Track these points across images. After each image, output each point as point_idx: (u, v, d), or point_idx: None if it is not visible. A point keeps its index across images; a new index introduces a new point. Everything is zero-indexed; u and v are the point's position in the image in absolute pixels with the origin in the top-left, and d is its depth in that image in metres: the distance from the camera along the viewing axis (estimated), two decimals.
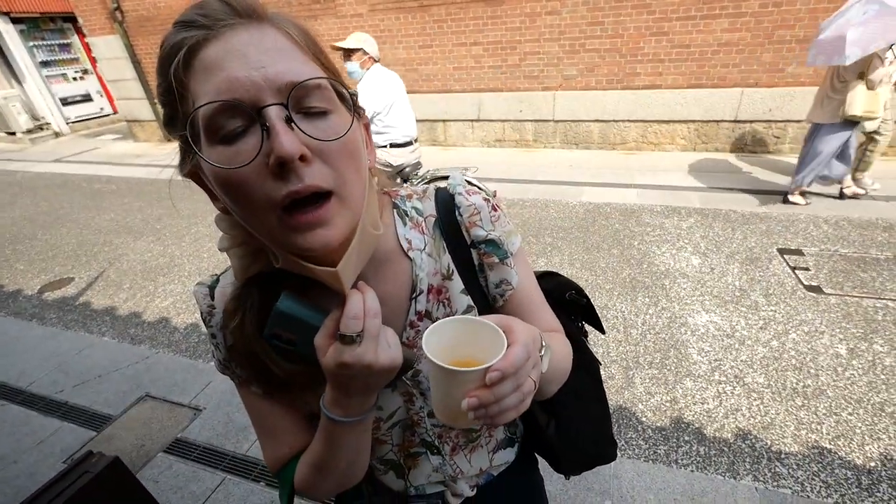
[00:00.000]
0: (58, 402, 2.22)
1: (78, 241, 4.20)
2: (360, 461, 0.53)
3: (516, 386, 0.38)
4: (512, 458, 0.70)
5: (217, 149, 0.37)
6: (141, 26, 6.94)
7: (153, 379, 2.32)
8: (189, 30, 0.37)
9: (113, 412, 2.13)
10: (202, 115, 0.36)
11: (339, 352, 0.41)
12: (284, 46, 0.38)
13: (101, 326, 2.90)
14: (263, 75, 0.35)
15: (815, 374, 2.08)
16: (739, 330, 2.40)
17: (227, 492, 1.70)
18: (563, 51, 5.07)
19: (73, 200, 5.33)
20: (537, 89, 5.38)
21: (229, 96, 0.35)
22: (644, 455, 1.78)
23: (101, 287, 3.38)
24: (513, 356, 0.37)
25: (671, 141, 5.07)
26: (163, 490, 1.72)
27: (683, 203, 3.86)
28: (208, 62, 0.36)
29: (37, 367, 2.49)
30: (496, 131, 5.84)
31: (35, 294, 3.37)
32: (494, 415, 0.37)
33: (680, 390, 2.07)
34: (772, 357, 2.20)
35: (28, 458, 1.92)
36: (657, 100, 4.88)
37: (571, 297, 0.76)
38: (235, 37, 0.36)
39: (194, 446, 1.92)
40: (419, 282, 0.53)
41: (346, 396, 0.44)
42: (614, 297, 2.78)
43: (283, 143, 0.35)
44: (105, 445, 1.93)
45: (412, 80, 5.99)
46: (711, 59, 4.52)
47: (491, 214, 0.54)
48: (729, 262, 2.99)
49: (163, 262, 3.68)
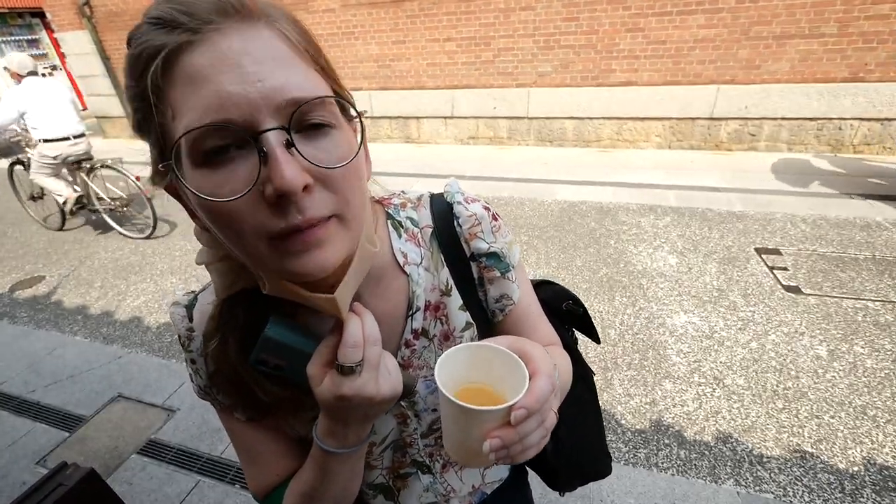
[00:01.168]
0: (30, 402, 2.22)
1: (48, 239, 4.20)
2: (352, 488, 0.51)
3: (540, 422, 0.36)
4: (506, 475, 0.69)
5: (201, 172, 0.32)
6: (110, 21, 6.86)
7: (126, 379, 2.32)
8: (167, 31, 0.31)
9: (86, 413, 2.13)
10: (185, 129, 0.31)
11: (338, 384, 0.38)
12: (282, 53, 0.33)
13: (73, 325, 2.90)
14: (260, 91, 0.31)
15: (795, 376, 2.05)
16: (718, 331, 2.36)
17: (202, 494, 1.70)
18: (538, 47, 5.06)
19: None
20: (511, 86, 5.36)
21: (220, 116, 0.30)
22: (624, 458, 1.76)
23: (72, 285, 3.38)
24: (538, 391, 0.35)
25: (646, 138, 5.12)
26: (137, 493, 1.72)
27: (660, 201, 3.87)
28: (193, 71, 0.31)
29: (8, 366, 2.49)
30: (470, 129, 5.79)
31: (6, 293, 3.37)
32: (517, 454, 0.36)
33: (659, 392, 2.02)
34: (751, 359, 2.17)
35: (0, 460, 1.91)
36: (632, 97, 4.92)
37: (568, 307, 0.75)
38: (225, 41, 0.31)
39: (168, 448, 1.91)
40: (416, 299, 0.51)
41: (343, 427, 0.43)
42: (591, 296, 2.71)
43: (286, 175, 0.31)
44: (78, 447, 1.94)
45: (385, 76, 5.89)
46: (687, 56, 4.59)
47: (492, 225, 0.52)
48: (706, 261, 2.98)
49: (134, 260, 3.69)
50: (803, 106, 4.44)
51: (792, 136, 4.62)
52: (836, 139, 4.50)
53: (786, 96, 4.45)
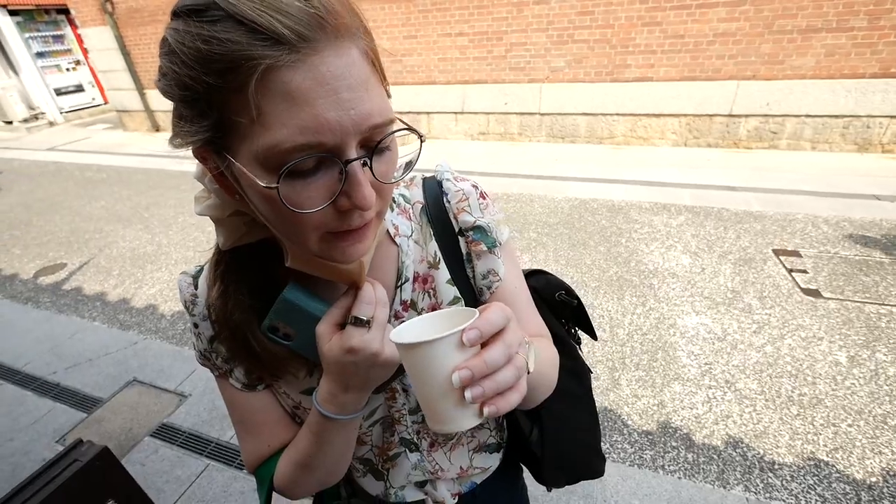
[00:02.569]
0: (51, 383, 2.32)
1: (71, 228, 4.35)
2: (345, 460, 0.53)
3: (508, 356, 0.35)
4: (495, 465, 0.69)
5: (282, 179, 0.34)
6: (130, 17, 7.01)
7: (141, 364, 2.40)
8: (268, 44, 0.31)
9: (102, 395, 2.20)
10: (277, 146, 0.33)
11: (348, 336, 0.42)
12: (367, 74, 0.35)
13: (92, 311, 3.00)
14: (352, 118, 0.34)
15: (812, 382, 1.98)
16: (731, 333, 2.30)
17: (210, 477, 1.75)
18: (551, 41, 5.00)
19: (66, 188, 5.50)
20: (523, 81, 5.30)
21: (315, 139, 0.33)
22: (629, 459, 1.73)
23: (92, 273, 3.51)
24: (488, 315, 0.35)
25: (661, 135, 5.01)
26: (149, 474, 1.78)
27: (673, 200, 3.78)
28: (292, 90, 0.32)
29: (31, 348, 2.59)
30: (480, 124, 5.75)
31: (30, 278, 3.51)
32: (493, 392, 0.34)
33: (668, 394, 1.98)
34: (766, 363, 2.10)
35: (23, 437, 2.00)
36: (648, 93, 4.83)
37: (561, 297, 0.74)
38: (324, 64, 0.32)
39: (179, 432, 1.97)
40: (405, 269, 0.53)
41: (344, 391, 0.45)
42: (600, 295, 2.67)
43: (367, 197, 0.36)
44: (95, 427, 2.02)
45: (396, 71, 5.89)
46: (706, 51, 4.48)
47: (480, 201, 0.54)
48: (721, 262, 2.90)
49: (150, 249, 3.78)
50: (829, 103, 4.29)
51: (816, 134, 4.47)
52: (863, 138, 4.35)
53: (810, 93, 4.31)
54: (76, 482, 0.76)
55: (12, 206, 5.03)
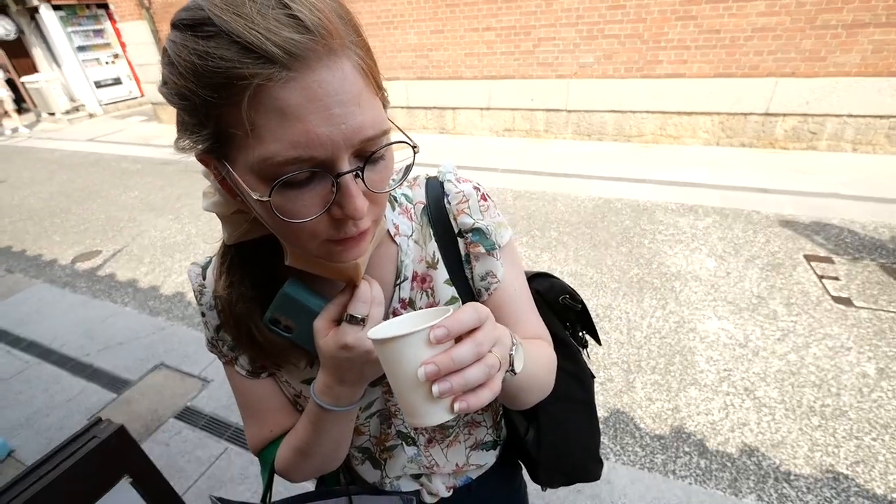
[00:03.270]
0: (84, 364, 2.45)
1: (106, 217, 4.57)
2: (341, 449, 0.55)
3: (477, 354, 0.35)
4: (492, 462, 0.70)
5: (276, 191, 0.36)
6: (166, 12, 7.21)
7: (167, 349, 2.50)
8: (259, 62, 0.31)
9: (131, 377, 2.32)
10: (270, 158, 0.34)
11: (343, 333, 0.43)
12: (359, 87, 0.36)
13: (124, 297, 3.17)
14: (343, 133, 0.34)
15: (836, 393, 1.94)
16: (754, 340, 2.26)
17: (229, 460, 1.84)
18: (581, 37, 4.91)
19: (103, 178, 5.76)
20: (551, 77, 5.24)
21: (307, 153, 0.34)
22: (640, 462, 1.74)
23: (125, 260, 3.68)
24: (458, 314, 0.35)
25: (692, 134, 4.87)
26: (172, 453, 1.88)
27: (701, 201, 3.69)
28: (284, 105, 0.33)
29: (68, 331, 2.73)
30: (506, 120, 5.72)
31: (68, 264, 3.70)
32: (460, 388, 0.34)
33: (683, 399, 1.97)
34: (788, 371, 2.06)
35: (58, 413, 2.13)
36: (679, 89, 4.69)
37: (565, 301, 0.73)
38: (315, 81, 0.33)
39: (201, 415, 2.06)
40: (404, 268, 0.53)
41: (339, 384, 0.46)
42: (619, 296, 2.66)
43: (358, 207, 0.37)
44: (123, 408, 2.14)
45: (422, 66, 5.91)
46: (743, 46, 4.31)
47: (480, 203, 0.54)
48: (748, 266, 2.83)
49: (180, 239, 3.93)
50: (874, 102, 4.06)
51: (858, 134, 4.25)
52: None
53: (854, 91, 4.09)
54: (94, 457, 0.80)
55: (53, 194, 5.31)
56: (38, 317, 2.89)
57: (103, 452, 0.81)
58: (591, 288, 2.75)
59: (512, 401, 0.53)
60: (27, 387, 2.30)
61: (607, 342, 2.33)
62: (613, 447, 1.80)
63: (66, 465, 0.77)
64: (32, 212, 4.84)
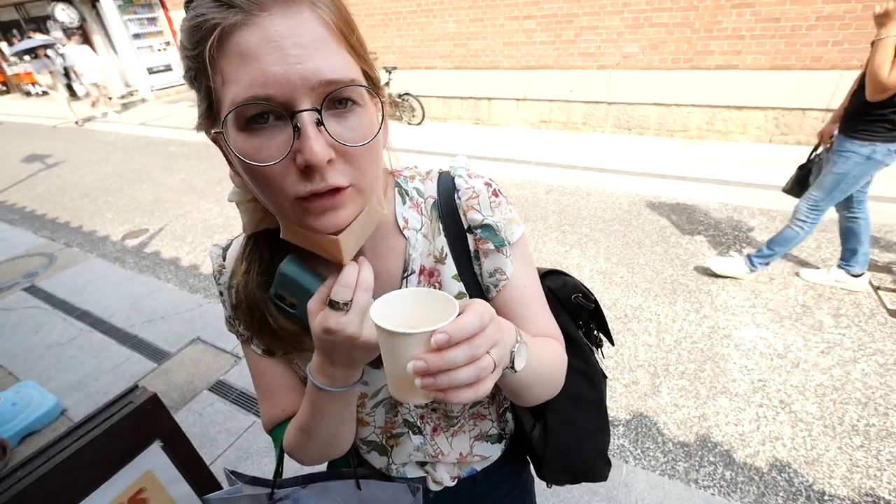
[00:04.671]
0: (130, 334, 2.63)
1: (154, 197, 4.85)
2: (343, 433, 0.55)
3: (471, 357, 0.35)
4: (496, 455, 0.70)
5: (243, 136, 0.38)
6: None
7: (204, 325, 2.64)
8: (224, 8, 0.35)
9: (171, 349, 2.46)
10: (232, 101, 0.37)
11: (326, 317, 0.43)
12: (320, 36, 0.37)
13: (167, 274, 3.35)
14: (299, 73, 0.35)
15: (884, 413, 1.81)
16: (794, 351, 2.14)
17: (255, 433, 1.92)
18: (626, 25, 4.71)
19: (152, 161, 6.10)
20: (591, 68, 5.07)
21: (262, 92, 0.35)
22: (660, 469, 1.70)
23: (169, 239, 3.89)
24: (462, 320, 0.35)
25: (743, 130, 4.59)
26: (205, 423, 1.99)
27: (748, 202, 3.50)
28: (243, 49, 0.35)
29: (117, 303, 2.94)
30: (542, 112, 5.61)
31: (119, 240, 3.97)
32: (445, 387, 0.34)
33: (712, 407, 1.91)
34: (831, 386, 1.95)
35: (106, 378, 2.30)
36: (731, 82, 4.42)
37: (577, 300, 0.71)
38: (273, 25, 0.35)
39: (233, 389, 2.16)
40: (411, 262, 0.53)
41: (331, 365, 0.46)
42: (650, 297, 2.58)
43: (314, 150, 0.36)
44: (163, 377, 2.28)
45: (460, 55, 5.88)
46: (805, 36, 4.00)
47: (490, 199, 0.53)
48: (794, 272, 2.67)
49: (220, 221, 4.12)
50: None
51: None
52: None
53: None
54: (129, 421, 0.86)
55: (108, 174, 5.69)
56: (91, 289, 3.11)
57: (138, 417, 0.87)
58: (620, 287, 2.68)
59: (516, 397, 0.53)
60: (80, 352, 2.49)
61: (635, 344, 2.28)
62: (633, 451, 1.77)
63: (105, 426, 0.83)
64: (89, 190, 5.22)
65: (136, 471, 0.89)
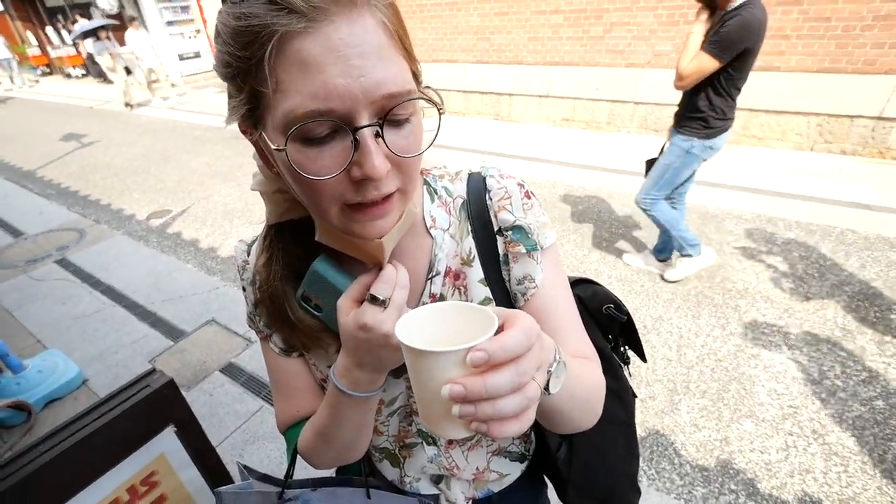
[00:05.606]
0: (149, 311, 2.69)
1: (178, 179, 4.96)
2: (360, 439, 0.54)
3: (516, 384, 0.30)
4: (515, 474, 0.67)
5: (297, 146, 0.36)
6: None
7: (220, 307, 2.67)
8: (284, 13, 0.33)
9: (186, 329, 2.51)
10: (291, 112, 0.35)
11: (362, 313, 0.43)
12: (382, 43, 0.36)
13: (187, 255, 3.43)
14: (362, 85, 0.34)
15: None
16: (832, 378, 1.96)
17: (263, 417, 1.93)
18: (659, 22, 4.50)
19: (178, 144, 6.25)
20: (620, 66, 4.88)
21: (325, 106, 0.34)
22: (676, 492, 1.59)
23: (190, 221, 3.98)
24: (505, 338, 0.31)
25: (781, 136, 4.33)
26: (215, 404, 2.01)
27: (784, 213, 3.28)
28: (305, 57, 0.34)
29: (139, 279, 3.01)
30: (565, 110, 5.44)
31: (144, 220, 4.09)
32: (488, 417, 0.30)
33: (735, 431, 1.77)
34: (872, 419, 1.77)
35: (125, 352, 2.36)
36: (771, 85, 4.16)
37: (609, 311, 0.68)
38: (335, 32, 0.34)
39: (243, 372, 2.18)
40: (437, 262, 0.52)
41: (357, 367, 0.46)
42: (672, 309, 2.43)
43: (376, 166, 0.36)
44: (178, 356, 2.33)
45: (483, 49, 5.76)
46: (859, 37, 3.72)
47: (523, 201, 0.51)
48: (834, 292, 2.47)
49: (239, 206, 4.18)
50: None
51: None
52: None
53: None
54: (146, 404, 0.87)
55: (137, 155, 5.87)
56: (116, 265, 3.19)
57: (154, 401, 0.89)
58: (641, 296, 2.53)
59: (548, 422, 0.48)
60: (102, 325, 2.56)
61: (653, 357, 2.13)
62: (647, 470, 1.65)
63: (123, 408, 0.85)
64: (118, 170, 5.39)
65: (149, 453, 0.91)
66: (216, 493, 0.67)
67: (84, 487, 0.82)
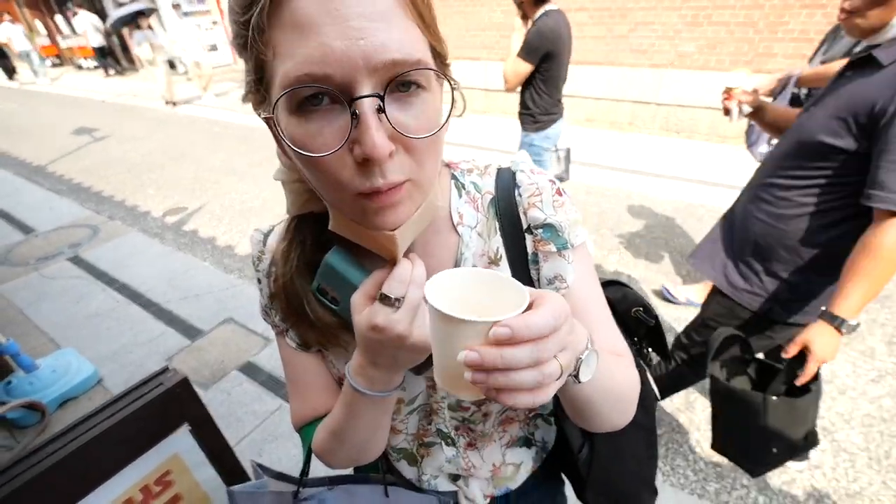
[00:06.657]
0: (165, 309, 2.70)
1: (194, 176, 4.99)
2: (376, 439, 0.53)
3: (535, 360, 0.30)
4: (528, 462, 0.68)
5: (296, 119, 0.34)
6: None
7: (237, 306, 2.69)
8: None
9: (203, 327, 2.52)
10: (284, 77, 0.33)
11: (374, 313, 0.41)
12: (390, 6, 0.33)
13: (204, 253, 3.45)
14: (362, 50, 0.31)
15: None
16: (842, 377, 2.10)
17: (281, 416, 1.95)
18: (683, 22, 4.58)
19: (194, 140, 6.28)
20: (643, 65, 4.96)
21: (320, 70, 0.32)
22: (690, 487, 1.70)
23: (206, 218, 4.00)
24: (532, 318, 0.31)
25: None
26: (233, 403, 2.03)
27: None
28: (300, 17, 0.31)
29: (154, 277, 3.02)
30: (587, 110, 5.54)
31: (159, 217, 4.11)
32: (501, 386, 0.31)
33: None
34: (879, 417, 1.91)
35: (140, 351, 2.37)
36: None
37: (638, 314, 0.68)
38: None
39: (261, 371, 2.20)
40: (463, 261, 0.50)
41: (373, 367, 0.45)
42: (692, 311, 2.56)
43: (376, 143, 0.33)
44: (195, 354, 2.31)
45: (505, 47, 5.83)
46: None
47: (554, 198, 0.50)
48: None
49: (257, 203, 4.22)
50: None
51: None
52: None
53: None
54: (159, 402, 0.87)
55: (152, 150, 5.86)
56: (131, 262, 3.18)
57: (167, 399, 0.89)
58: (660, 296, 2.67)
59: (579, 416, 0.49)
60: (117, 324, 2.57)
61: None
62: (663, 467, 1.77)
63: (135, 407, 0.85)
64: (132, 165, 5.43)
65: (163, 452, 0.90)
66: (229, 492, 0.66)
67: (95, 487, 0.80)
